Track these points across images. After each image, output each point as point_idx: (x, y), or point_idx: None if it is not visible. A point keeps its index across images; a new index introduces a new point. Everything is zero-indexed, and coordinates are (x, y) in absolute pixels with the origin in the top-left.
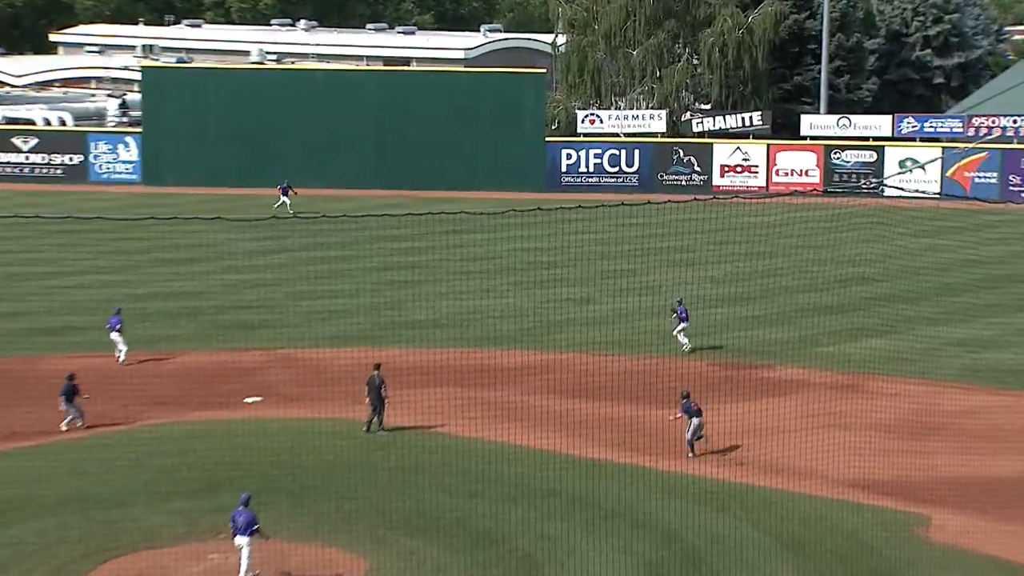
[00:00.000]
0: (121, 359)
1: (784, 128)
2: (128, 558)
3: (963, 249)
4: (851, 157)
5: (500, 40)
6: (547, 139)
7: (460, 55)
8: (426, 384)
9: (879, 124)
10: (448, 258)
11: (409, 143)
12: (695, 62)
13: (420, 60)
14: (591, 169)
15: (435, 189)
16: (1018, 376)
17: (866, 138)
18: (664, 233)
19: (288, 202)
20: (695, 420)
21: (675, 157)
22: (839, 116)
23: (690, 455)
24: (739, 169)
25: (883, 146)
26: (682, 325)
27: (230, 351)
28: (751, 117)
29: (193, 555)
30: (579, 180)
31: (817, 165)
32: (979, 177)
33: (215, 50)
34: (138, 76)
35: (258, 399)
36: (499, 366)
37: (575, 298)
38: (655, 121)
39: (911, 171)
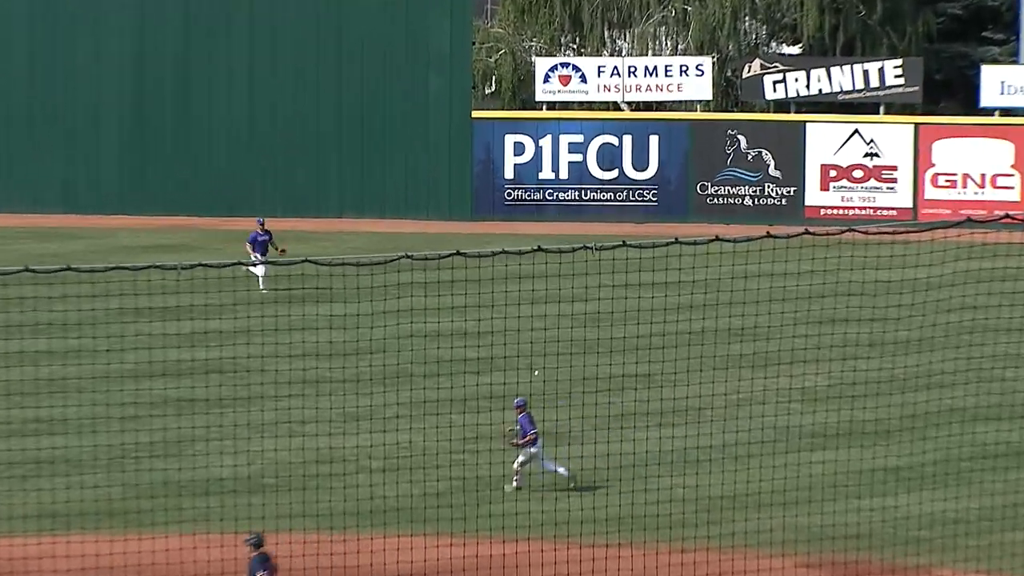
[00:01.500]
0: None
1: (947, 93)
2: None
3: None
4: None
5: None
6: (476, 115)
7: None
8: None
9: None
10: (276, 354)
11: (185, 133)
12: None
13: None
14: (563, 174)
15: (240, 213)
16: None
17: None
18: (712, 302)
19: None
20: (531, 449)
21: (731, 149)
22: None
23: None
24: (860, 174)
25: None
26: (531, 450)
27: None
28: (881, 71)
29: None
30: (539, 195)
31: (1017, 166)
32: None
33: None
34: None
35: None
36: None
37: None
38: (691, 79)
39: None
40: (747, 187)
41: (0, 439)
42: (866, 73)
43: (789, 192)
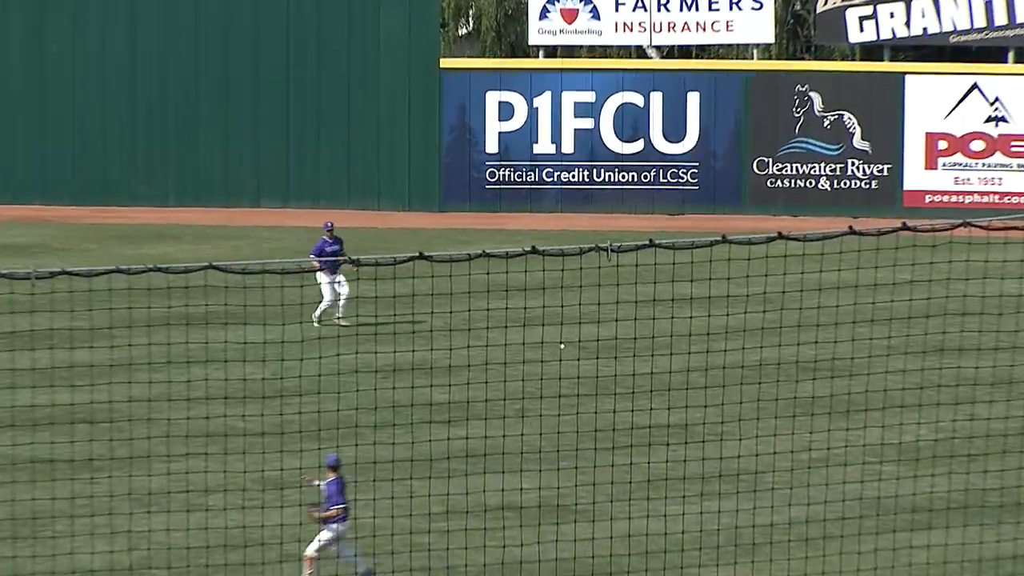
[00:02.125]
0: None
1: None
2: None
3: None
4: None
5: None
6: (445, 64)
7: None
8: None
9: None
10: (168, 396)
11: (41, 98)
12: None
13: None
14: (567, 147)
15: (116, 201)
16: None
17: None
18: (773, 324)
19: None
20: (338, 526)
21: (801, 112)
22: None
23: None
24: (980, 146)
25: None
26: (338, 528)
27: None
28: (1011, 5)
29: None
30: (533, 177)
31: None
32: None
33: None
34: None
35: None
36: None
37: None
38: (745, 15)
39: None
40: (823, 165)
41: None
42: (988, 6)
43: (881, 171)
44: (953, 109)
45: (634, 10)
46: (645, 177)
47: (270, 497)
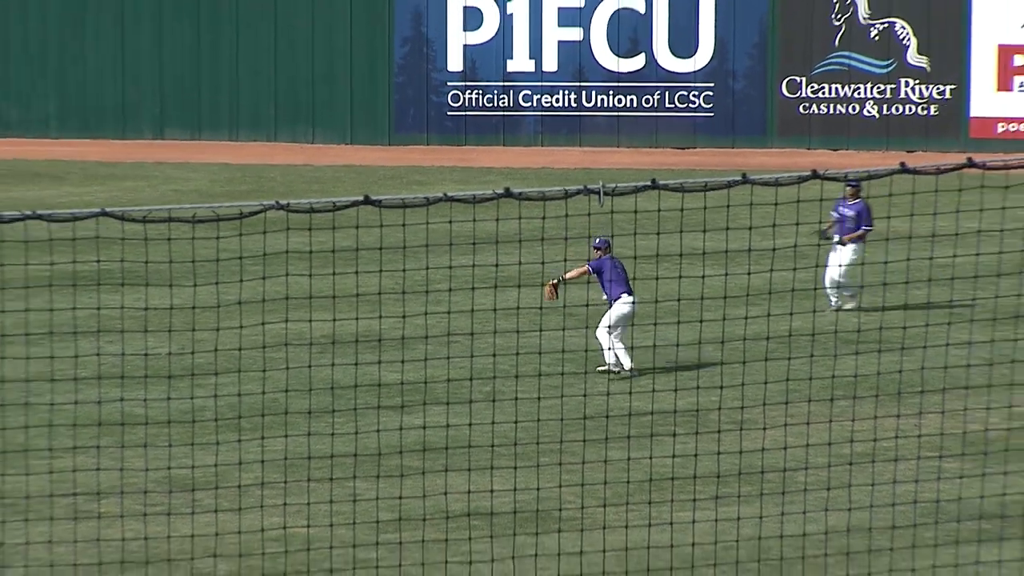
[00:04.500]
0: None
1: None
2: None
3: None
4: None
5: None
6: None
7: None
8: None
9: None
10: (51, 376)
11: None
12: None
13: None
14: (549, 63)
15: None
16: None
17: None
18: (806, 283)
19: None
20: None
21: (842, 19)
22: None
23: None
24: None
25: None
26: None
27: None
28: None
29: None
30: (507, 101)
31: None
32: None
33: None
34: None
35: None
36: None
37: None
38: None
39: None
40: (870, 85)
41: None
42: None
43: (943, 94)
44: None
45: None
46: (647, 102)
47: (178, 502)
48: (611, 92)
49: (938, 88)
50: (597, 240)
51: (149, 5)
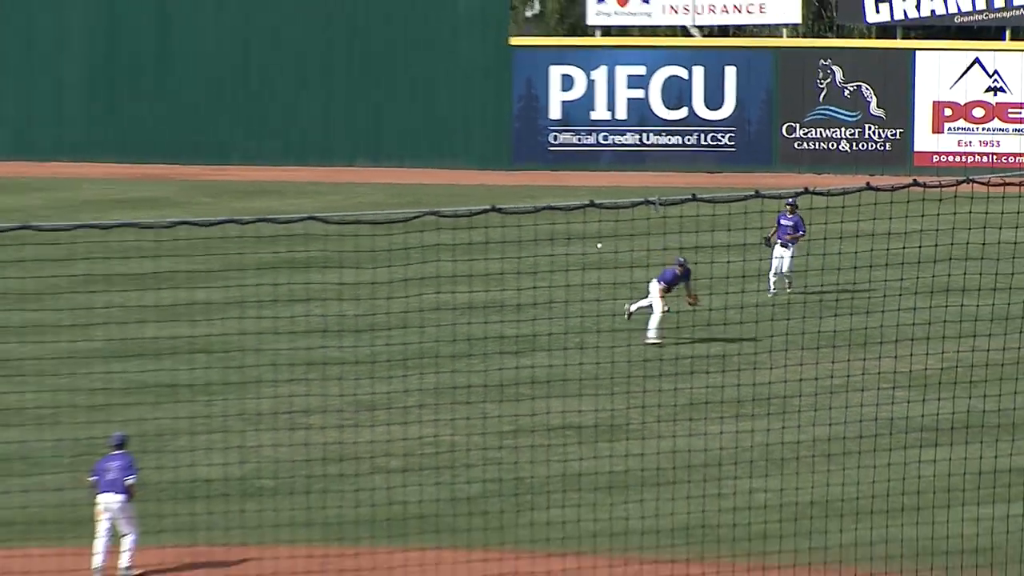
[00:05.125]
0: None
1: None
2: None
3: None
4: None
5: None
6: (515, 41)
7: None
8: None
9: None
10: (275, 330)
11: (165, 65)
12: None
13: None
14: (620, 113)
15: (229, 161)
16: None
17: None
18: (799, 267)
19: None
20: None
21: (824, 84)
22: None
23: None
24: (980, 113)
25: None
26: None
27: None
28: None
29: None
30: (591, 140)
31: None
32: None
33: None
34: None
35: None
36: None
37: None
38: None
39: None
40: (843, 129)
41: None
42: None
43: (895, 135)
44: (957, 80)
45: None
46: (688, 140)
47: (363, 418)
48: (663, 133)
49: (891, 131)
50: (679, 260)
51: (344, 73)
